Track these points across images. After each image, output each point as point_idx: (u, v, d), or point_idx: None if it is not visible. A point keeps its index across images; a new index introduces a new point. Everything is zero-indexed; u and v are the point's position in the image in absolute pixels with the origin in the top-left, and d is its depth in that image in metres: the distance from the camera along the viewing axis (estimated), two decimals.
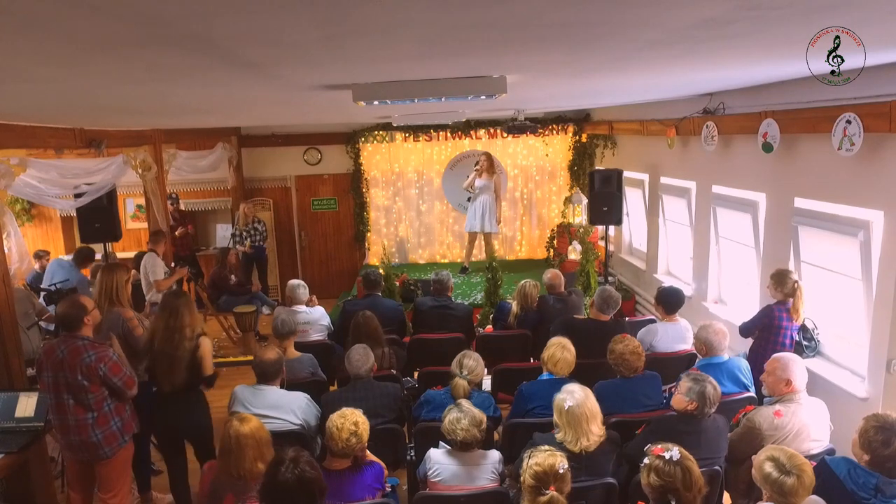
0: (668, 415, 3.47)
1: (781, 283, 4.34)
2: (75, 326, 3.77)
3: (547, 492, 2.60)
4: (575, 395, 3.17)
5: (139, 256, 7.09)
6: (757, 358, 4.37)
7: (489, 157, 8.88)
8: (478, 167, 8.75)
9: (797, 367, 3.49)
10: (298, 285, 5.51)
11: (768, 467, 2.58)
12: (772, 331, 4.35)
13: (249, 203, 9.36)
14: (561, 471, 2.66)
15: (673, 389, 3.54)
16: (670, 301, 4.89)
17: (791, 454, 2.62)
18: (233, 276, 8.31)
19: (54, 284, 6.60)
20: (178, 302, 4.10)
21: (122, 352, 4.01)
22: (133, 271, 7.20)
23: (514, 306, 5.51)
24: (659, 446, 2.62)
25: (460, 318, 5.54)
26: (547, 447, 2.77)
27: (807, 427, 3.39)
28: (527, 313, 5.48)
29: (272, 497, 2.42)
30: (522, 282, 5.59)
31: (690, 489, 2.53)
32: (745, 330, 4.57)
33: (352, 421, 3.12)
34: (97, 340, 3.84)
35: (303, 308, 5.44)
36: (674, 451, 2.57)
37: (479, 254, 9.49)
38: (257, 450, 2.85)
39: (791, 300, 4.34)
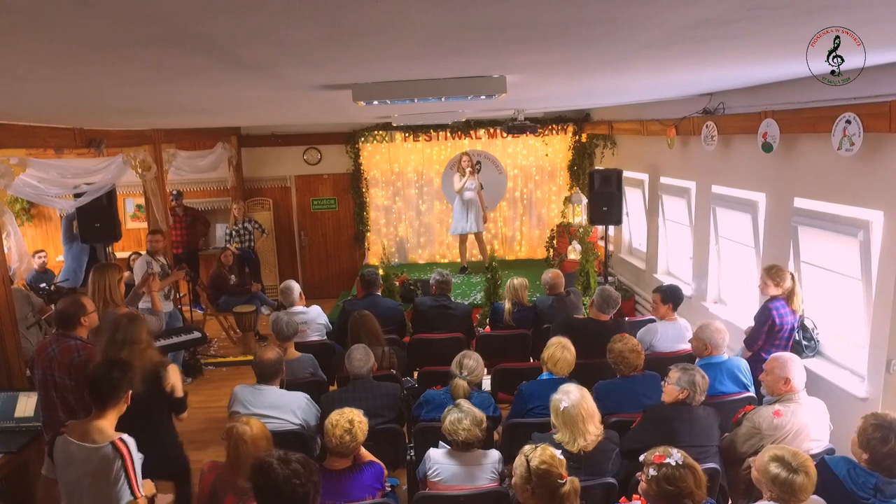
0: (664, 404, 3.51)
1: (781, 278, 4.33)
2: (71, 324, 3.77)
3: (563, 481, 2.59)
4: (571, 396, 3.17)
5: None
6: (756, 355, 4.37)
7: (470, 156, 8.96)
8: (469, 168, 8.77)
9: (795, 366, 3.49)
10: (292, 287, 5.52)
11: (775, 468, 2.56)
12: (771, 327, 4.34)
13: (241, 203, 9.33)
14: (560, 456, 2.67)
15: (666, 382, 3.56)
16: (678, 297, 4.93)
17: (794, 452, 2.62)
18: (232, 277, 8.31)
19: (56, 283, 6.61)
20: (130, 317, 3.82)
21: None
22: (126, 272, 7.22)
23: (507, 303, 5.52)
24: (657, 453, 2.59)
25: (460, 318, 5.54)
26: (533, 445, 2.76)
27: (806, 427, 3.39)
28: (520, 309, 5.49)
29: (266, 498, 2.41)
30: (509, 280, 5.63)
31: (701, 487, 2.52)
32: (751, 341, 4.42)
33: (347, 419, 3.12)
34: (90, 342, 3.84)
35: (299, 308, 5.45)
36: (675, 455, 2.55)
37: (477, 253, 9.49)
38: (268, 449, 2.86)
39: (789, 293, 4.33)
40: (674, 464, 2.51)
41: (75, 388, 3.69)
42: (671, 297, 4.90)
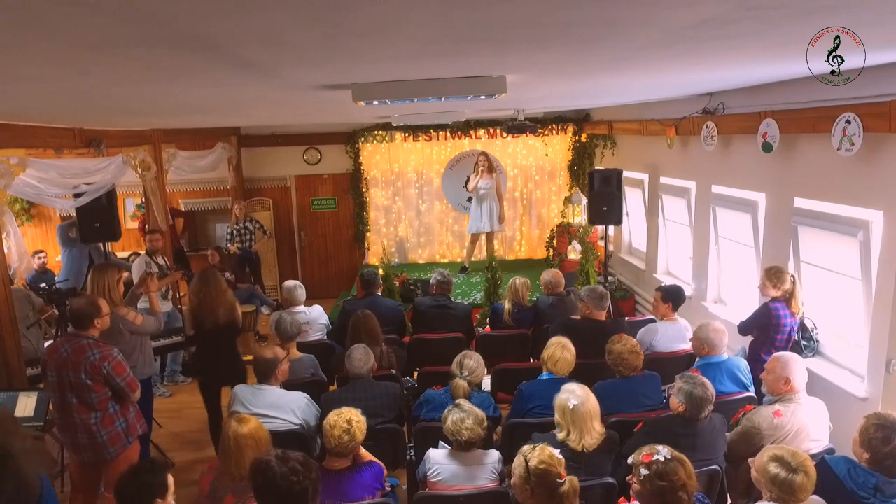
0: (665, 416, 3.48)
1: (781, 280, 4.33)
2: (85, 324, 3.78)
3: (562, 480, 2.59)
4: (578, 394, 3.19)
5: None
6: (756, 356, 4.38)
7: (487, 156, 8.91)
8: (481, 168, 8.75)
9: (796, 366, 3.49)
10: (296, 286, 5.50)
11: (774, 468, 2.56)
12: (771, 329, 4.35)
13: (242, 203, 9.33)
14: (559, 456, 2.67)
15: (671, 390, 3.54)
16: (679, 297, 4.92)
17: (793, 452, 2.63)
18: (227, 274, 8.27)
19: (55, 284, 6.61)
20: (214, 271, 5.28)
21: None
22: (126, 273, 7.22)
23: (507, 303, 5.52)
24: (645, 452, 2.59)
25: (459, 318, 5.54)
26: (531, 445, 2.76)
27: (806, 427, 3.39)
28: (520, 310, 5.49)
29: (264, 496, 2.42)
30: (511, 279, 5.62)
31: (692, 477, 2.53)
32: (744, 328, 4.58)
33: (345, 419, 3.12)
34: (102, 340, 3.85)
35: (302, 308, 5.44)
36: (662, 451, 2.56)
37: (478, 254, 9.49)
38: (257, 450, 2.85)
39: (789, 296, 4.34)
40: (662, 459, 2.52)
41: (93, 386, 3.71)
42: (671, 297, 4.90)
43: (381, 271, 6.87)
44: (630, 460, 2.65)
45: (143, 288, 4.85)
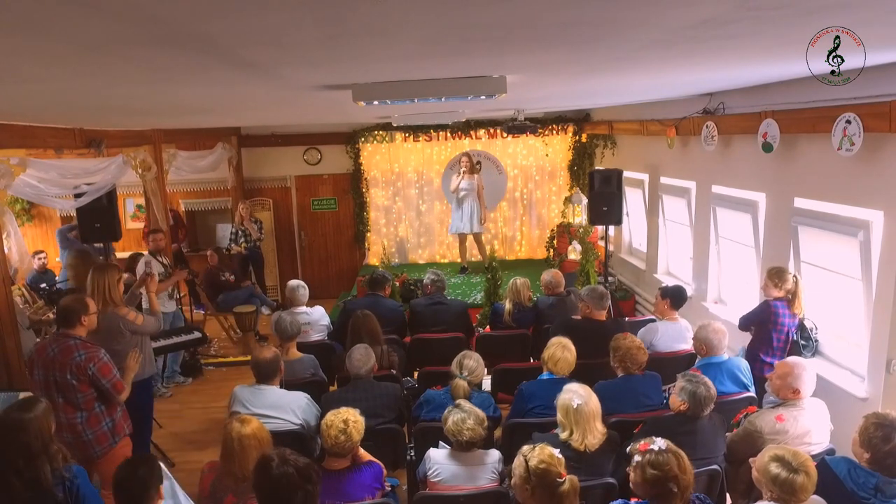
0: (665, 415, 3.49)
1: (783, 280, 4.33)
2: (71, 321, 3.78)
3: (562, 479, 2.60)
4: (581, 394, 3.20)
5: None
6: (755, 355, 4.38)
7: (470, 157, 8.94)
8: (462, 168, 8.78)
9: (808, 377, 3.44)
10: (298, 286, 5.50)
11: (775, 468, 2.57)
12: (770, 326, 4.35)
13: (247, 203, 9.34)
14: (559, 455, 2.68)
15: (672, 389, 3.54)
16: (679, 295, 4.92)
17: (794, 452, 2.63)
18: (226, 274, 8.28)
19: (55, 284, 6.62)
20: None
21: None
22: (126, 275, 7.22)
23: (507, 304, 5.52)
24: (642, 442, 2.62)
25: (454, 312, 5.54)
26: (531, 445, 2.77)
27: (809, 432, 3.38)
28: (520, 310, 5.49)
29: (264, 494, 2.42)
30: (512, 279, 5.62)
31: (686, 472, 2.54)
32: (744, 322, 4.56)
33: (342, 419, 3.12)
34: (89, 341, 3.85)
35: (303, 309, 5.43)
36: (659, 442, 2.59)
37: (477, 254, 9.50)
38: (260, 450, 2.85)
39: (791, 296, 4.34)
40: (657, 449, 2.55)
41: (79, 387, 3.71)
42: (670, 294, 4.91)
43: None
44: (628, 449, 2.68)
45: (143, 288, 4.84)
